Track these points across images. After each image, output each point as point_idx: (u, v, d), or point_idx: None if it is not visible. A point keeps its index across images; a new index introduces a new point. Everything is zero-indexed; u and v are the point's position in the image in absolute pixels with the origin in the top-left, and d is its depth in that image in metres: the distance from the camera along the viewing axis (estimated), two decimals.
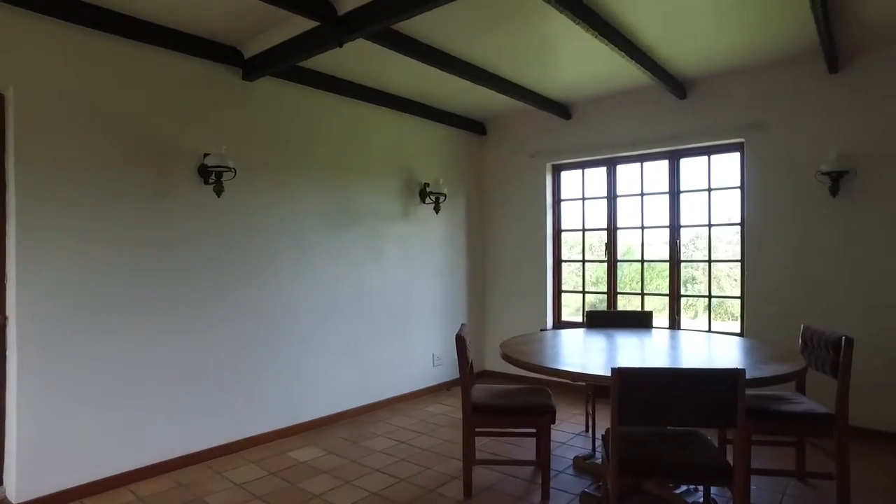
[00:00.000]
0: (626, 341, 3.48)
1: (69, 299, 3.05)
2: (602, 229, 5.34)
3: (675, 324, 4.84)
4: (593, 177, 5.42)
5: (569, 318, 5.67)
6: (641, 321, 4.08)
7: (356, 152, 4.69)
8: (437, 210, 5.35)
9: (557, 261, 5.67)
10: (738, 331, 4.50)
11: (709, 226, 4.70)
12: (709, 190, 4.69)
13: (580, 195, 5.50)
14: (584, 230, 5.50)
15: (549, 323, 5.61)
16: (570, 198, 5.61)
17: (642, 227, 5.08)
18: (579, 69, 4.35)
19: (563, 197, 5.66)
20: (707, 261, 4.76)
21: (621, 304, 5.30)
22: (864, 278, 3.90)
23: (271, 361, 4.04)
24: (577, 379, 2.52)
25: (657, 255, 5.10)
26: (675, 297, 4.86)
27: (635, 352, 3.22)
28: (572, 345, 3.41)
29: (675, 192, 4.87)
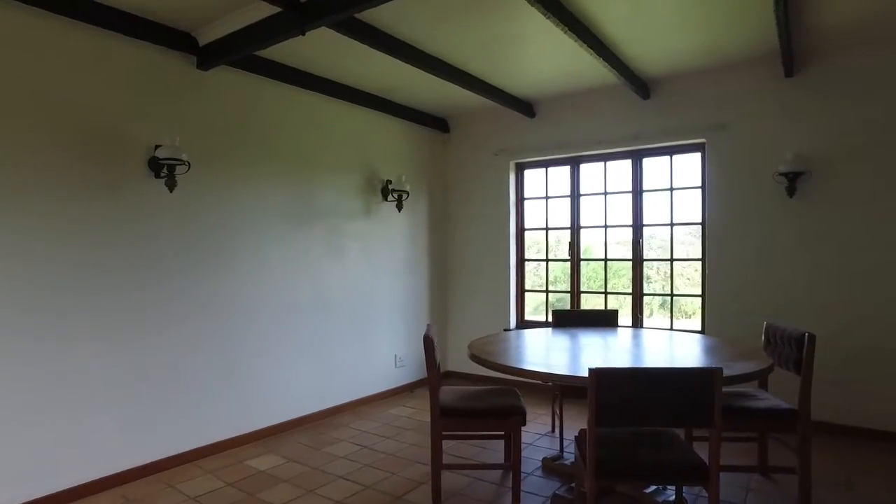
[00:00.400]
0: (595, 340, 3.46)
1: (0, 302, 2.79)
2: (565, 228, 5.34)
3: (638, 322, 4.89)
4: (557, 175, 5.42)
5: (532, 317, 5.66)
6: (607, 320, 4.09)
7: (317, 147, 4.52)
8: (399, 208, 5.24)
9: (520, 259, 5.65)
10: (699, 328, 4.57)
11: (671, 225, 4.76)
12: (671, 189, 4.75)
13: (543, 194, 5.49)
14: (547, 229, 5.50)
15: (512, 322, 5.58)
16: (534, 196, 5.60)
17: (605, 226, 5.10)
18: (545, 66, 4.32)
19: (527, 195, 5.64)
20: (669, 260, 4.82)
21: (584, 302, 5.31)
22: (821, 276, 4.01)
23: (227, 364, 3.83)
24: (551, 380, 2.45)
25: (616, 254, 5.14)
26: (638, 295, 4.90)
27: (606, 352, 3.20)
28: (542, 345, 3.37)
29: (638, 192, 4.91)
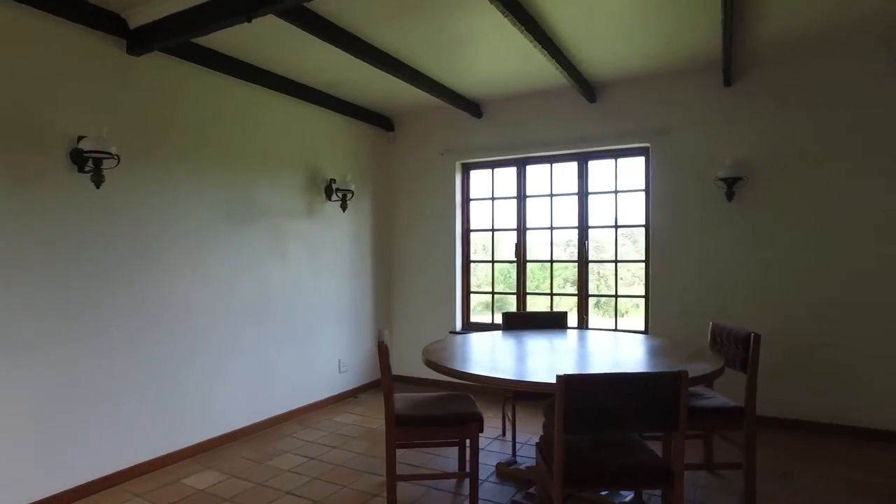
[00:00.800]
0: (549, 344, 3.44)
1: None
2: (512, 229, 5.34)
3: (583, 323, 4.95)
4: (503, 177, 5.41)
5: (477, 319, 5.63)
6: (557, 322, 4.11)
7: (258, 142, 4.28)
8: (344, 208, 5.06)
9: (466, 261, 5.60)
10: (642, 328, 4.69)
11: (615, 227, 4.85)
12: (615, 192, 4.84)
13: (490, 195, 5.47)
14: (493, 230, 5.48)
15: (458, 324, 5.53)
16: (480, 197, 5.56)
17: (551, 228, 5.14)
18: (495, 66, 4.27)
19: (473, 196, 5.60)
20: (614, 261, 4.91)
21: (530, 303, 5.33)
22: (758, 278, 4.20)
23: (158, 374, 3.54)
24: (520, 388, 2.40)
25: (558, 256, 5.19)
26: (583, 297, 4.96)
27: (568, 356, 3.15)
28: (494, 349, 3.31)
29: (583, 194, 4.97)
